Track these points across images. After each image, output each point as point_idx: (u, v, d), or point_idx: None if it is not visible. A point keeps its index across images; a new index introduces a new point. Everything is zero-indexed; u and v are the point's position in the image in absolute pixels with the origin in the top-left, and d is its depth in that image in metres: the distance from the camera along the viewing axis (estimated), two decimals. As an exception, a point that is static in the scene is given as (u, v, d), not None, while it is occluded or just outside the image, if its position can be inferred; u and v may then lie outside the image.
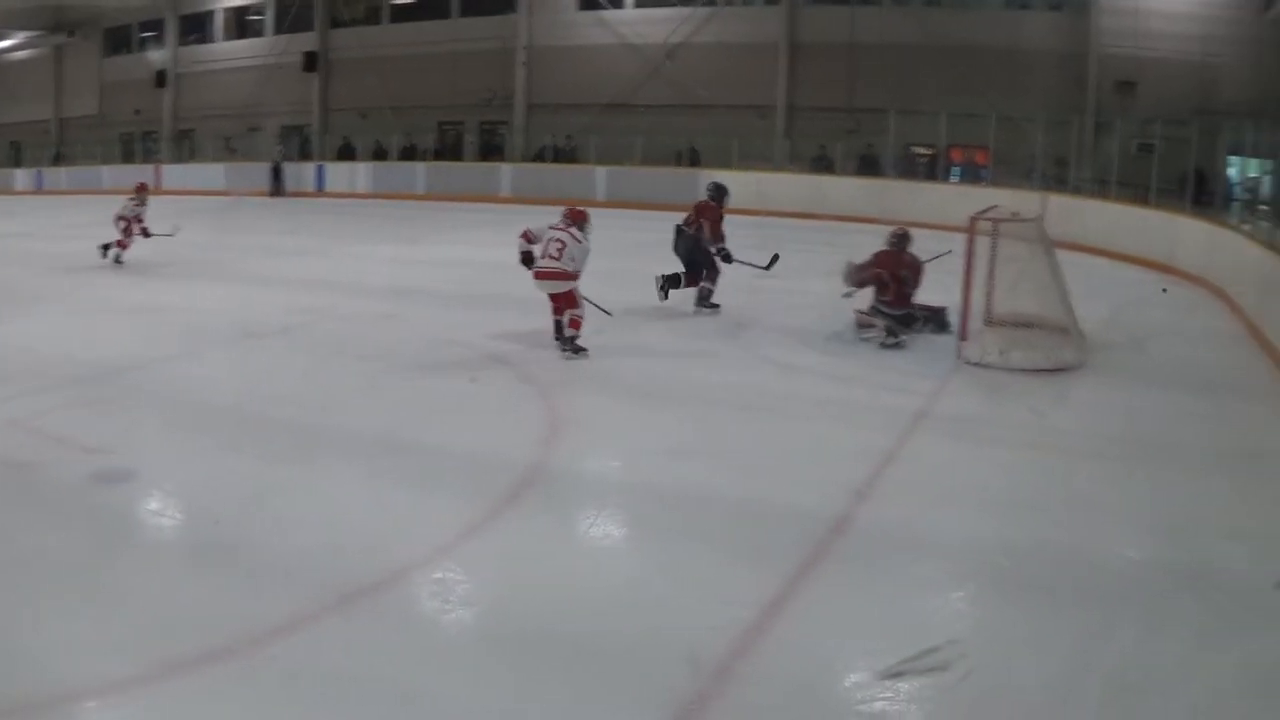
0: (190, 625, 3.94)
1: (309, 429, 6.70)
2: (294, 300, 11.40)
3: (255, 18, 34.07)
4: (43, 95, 38.37)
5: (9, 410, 6.78)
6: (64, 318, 10.59)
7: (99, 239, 13.91)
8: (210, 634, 3.84)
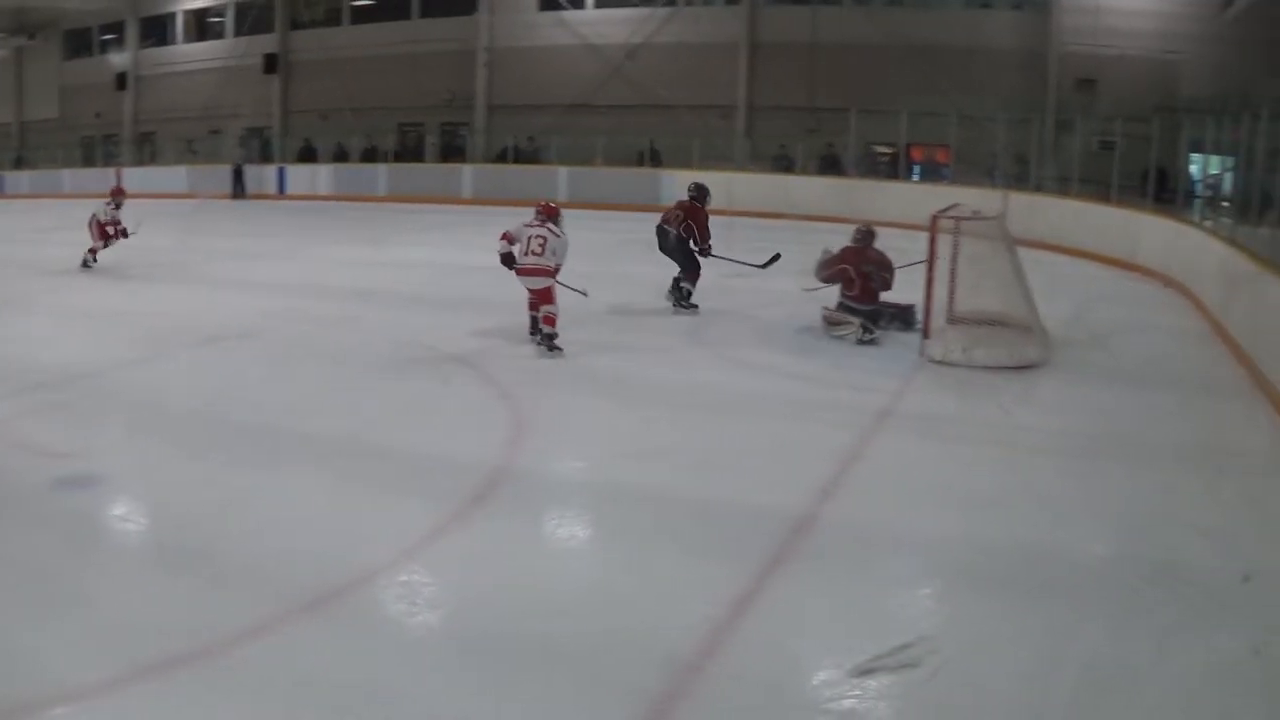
0: (157, 630, 3.89)
1: (274, 432, 6.64)
2: (258, 303, 11.31)
3: (216, 20, 33.74)
4: (3, 99, 37.88)
5: (-30, 416, 6.65)
6: (28, 322, 10.43)
7: (63, 243, 13.77)
8: (178, 639, 3.80)
